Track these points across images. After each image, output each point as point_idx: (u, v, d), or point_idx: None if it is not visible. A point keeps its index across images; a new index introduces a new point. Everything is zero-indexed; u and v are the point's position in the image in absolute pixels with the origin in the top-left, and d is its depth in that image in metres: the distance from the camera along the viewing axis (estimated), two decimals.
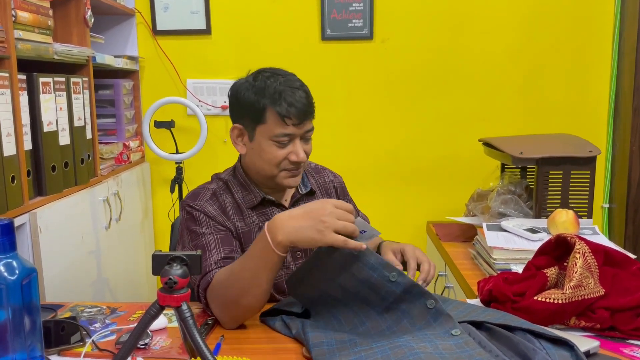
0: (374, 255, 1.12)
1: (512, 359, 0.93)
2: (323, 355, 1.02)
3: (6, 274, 0.86)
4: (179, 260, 0.89)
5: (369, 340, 1.06)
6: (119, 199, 2.21)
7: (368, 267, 1.11)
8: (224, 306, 1.19)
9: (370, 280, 1.11)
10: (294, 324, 1.17)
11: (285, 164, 1.32)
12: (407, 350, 0.97)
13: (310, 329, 1.11)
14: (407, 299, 1.09)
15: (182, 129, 2.61)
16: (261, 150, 1.31)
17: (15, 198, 1.55)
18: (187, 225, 1.33)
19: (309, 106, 1.31)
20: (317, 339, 1.07)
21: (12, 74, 1.54)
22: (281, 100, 1.27)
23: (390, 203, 2.68)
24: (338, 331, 1.11)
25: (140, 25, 2.59)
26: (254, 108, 1.29)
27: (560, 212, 1.60)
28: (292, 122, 1.28)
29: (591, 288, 1.14)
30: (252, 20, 2.58)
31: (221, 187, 1.39)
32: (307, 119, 1.31)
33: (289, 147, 1.30)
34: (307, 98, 1.30)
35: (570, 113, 2.61)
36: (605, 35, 2.56)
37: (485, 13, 2.56)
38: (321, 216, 1.08)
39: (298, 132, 1.30)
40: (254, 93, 1.29)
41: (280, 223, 1.11)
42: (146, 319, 0.87)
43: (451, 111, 2.62)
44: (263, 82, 1.30)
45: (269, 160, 1.31)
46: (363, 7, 2.54)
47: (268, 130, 1.29)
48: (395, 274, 1.09)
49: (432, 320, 1.07)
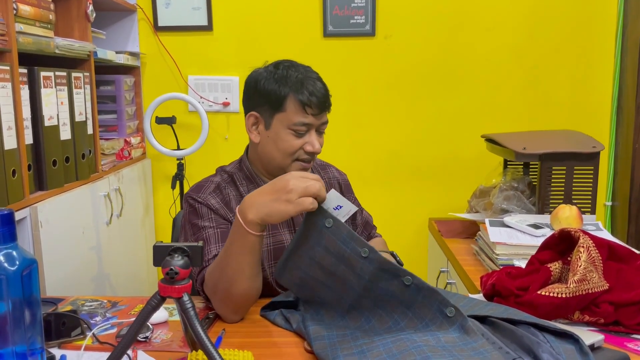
0: (345, 227, 1.10)
1: (516, 352, 0.92)
2: (325, 348, 1.01)
3: (6, 265, 0.86)
4: (180, 251, 0.88)
5: (371, 334, 1.05)
6: (120, 194, 2.21)
7: (340, 240, 1.09)
8: (218, 298, 1.19)
9: (344, 255, 1.08)
10: (294, 318, 1.16)
11: (300, 154, 1.32)
12: (410, 343, 0.96)
13: (311, 322, 1.10)
14: (384, 277, 1.07)
15: (183, 126, 2.60)
16: (278, 138, 1.32)
17: (16, 192, 1.55)
18: (189, 218, 1.33)
19: (327, 97, 1.33)
20: (317, 332, 1.06)
21: (13, 68, 1.53)
22: (303, 89, 1.28)
23: (393, 200, 2.67)
24: (339, 325, 1.10)
25: (142, 21, 2.58)
26: (275, 95, 1.30)
27: (563, 208, 1.59)
28: (312, 112, 1.29)
29: (595, 282, 1.13)
30: (254, 17, 2.57)
31: (225, 180, 1.38)
32: (326, 111, 1.33)
33: (305, 137, 1.31)
34: (325, 89, 1.33)
35: (573, 111, 2.60)
36: (608, 33, 2.55)
37: (488, 9, 2.55)
38: (286, 186, 1.07)
39: (315, 122, 1.31)
40: (275, 81, 1.30)
41: (249, 202, 1.10)
42: (147, 310, 0.86)
43: (454, 108, 2.61)
44: (284, 72, 1.31)
45: (284, 149, 1.31)
46: (365, 4, 2.53)
47: (287, 118, 1.30)
48: (367, 249, 1.07)
49: (415, 294, 1.04)
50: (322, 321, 1.12)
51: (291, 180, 1.07)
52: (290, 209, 1.06)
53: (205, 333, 0.84)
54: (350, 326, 1.10)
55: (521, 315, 1.06)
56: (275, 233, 1.37)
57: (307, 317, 1.13)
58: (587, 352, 0.91)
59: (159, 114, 2.51)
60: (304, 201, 1.06)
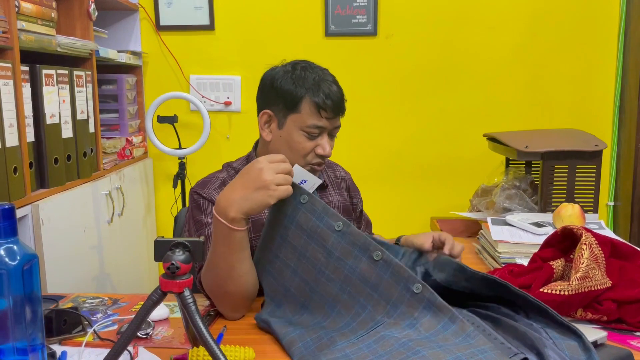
0: (320, 202, 1.10)
1: (519, 348, 0.91)
2: (303, 356, 0.98)
3: (7, 259, 0.85)
4: (181, 246, 0.88)
5: (348, 333, 1.02)
6: (121, 193, 2.20)
7: (315, 216, 1.09)
8: (215, 297, 1.18)
9: (316, 231, 1.08)
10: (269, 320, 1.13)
11: (311, 157, 1.32)
12: (394, 341, 0.95)
13: (277, 326, 1.07)
14: (353, 253, 1.05)
15: (185, 125, 2.60)
16: (290, 139, 1.31)
17: (18, 189, 1.55)
18: (193, 214, 1.32)
19: (343, 102, 1.33)
20: (287, 336, 1.04)
21: (15, 65, 1.53)
22: (319, 91, 1.28)
23: (395, 199, 2.66)
24: (307, 325, 1.07)
25: (144, 20, 2.58)
26: (291, 96, 1.29)
27: (566, 206, 1.59)
28: (327, 115, 1.29)
29: (598, 279, 1.12)
30: (256, 16, 2.57)
31: (232, 176, 1.38)
32: (340, 114, 1.33)
33: (317, 140, 1.31)
34: (341, 93, 1.33)
35: (576, 110, 2.59)
36: (610, 33, 2.55)
37: (490, 9, 2.54)
38: (260, 177, 1.07)
39: (329, 126, 1.31)
40: (292, 81, 1.30)
41: (226, 201, 1.09)
42: (148, 305, 0.86)
43: (456, 108, 2.61)
44: (302, 73, 1.30)
45: (297, 151, 1.31)
46: (367, 3, 2.53)
47: (301, 120, 1.29)
48: (340, 223, 1.06)
49: (383, 272, 1.02)
50: (285, 316, 1.10)
51: (263, 169, 1.07)
52: (271, 199, 1.07)
53: (207, 328, 0.84)
54: (317, 320, 1.07)
55: (509, 293, 1.02)
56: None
57: (272, 317, 1.11)
58: (589, 347, 0.90)
59: (160, 113, 2.51)
60: (281, 189, 1.07)
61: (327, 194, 1.46)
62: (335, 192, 1.48)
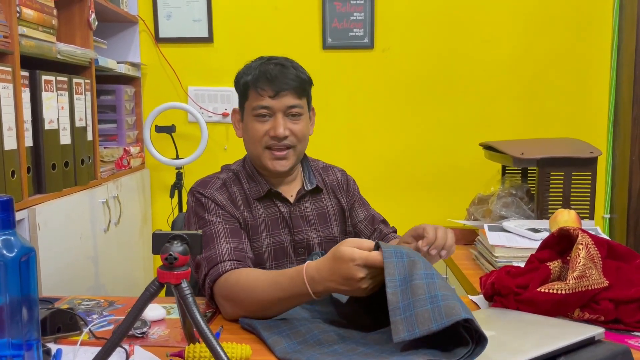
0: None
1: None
2: (287, 353, 0.99)
3: (4, 251, 0.85)
4: (179, 238, 0.88)
5: (333, 336, 1.04)
6: (118, 202, 2.20)
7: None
8: (234, 305, 1.16)
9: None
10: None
11: (266, 141, 1.32)
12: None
13: (262, 326, 1.08)
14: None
15: (182, 136, 2.61)
16: (247, 127, 1.34)
17: (15, 193, 1.55)
18: (196, 211, 1.32)
19: (285, 78, 1.30)
20: (271, 336, 1.04)
21: (15, 70, 1.55)
22: (258, 73, 1.30)
23: (392, 208, 2.64)
24: (292, 326, 1.08)
25: (143, 32, 2.61)
26: (241, 86, 1.34)
27: (562, 212, 1.59)
28: (268, 94, 1.29)
29: (595, 279, 1.12)
30: (254, 29, 2.60)
31: (231, 178, 1.38)
32: (284, 91, 1.29)
33: (270, 122, 1.31)
34: (285, 70, 1.31)
35: (570, 123, 2.61)
36: (604, 46, 2.59)
37: (486, 22, 2.58)
38: (358, 284, 1.00)
39: (277, 105, 1.30)
40: (242, 72, 1.35)
41: (320, 279, 1.04)
42: (145, 297, 0.86)
43: (452, 119, 2.63)
44: (253, 63, 1.35)
45: (252, 137, 1.33)
46: (364, 17, 2.57)
47: (249, 105, 1.33)
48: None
49: None
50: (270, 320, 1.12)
51: (359, 276, 0.99)
52: (363, 293, 1.03)
53: (205, 321, 0.84)
54: (303, 322, 1.09)
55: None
56: (275, 233, 1.36)
57: (259, 326, 1.11)
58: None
59: (158, 124, 2.52)
60: (373, 287, 1.02)
61: (321, 198, 1.45)
62: (330, 196, 1.47)
